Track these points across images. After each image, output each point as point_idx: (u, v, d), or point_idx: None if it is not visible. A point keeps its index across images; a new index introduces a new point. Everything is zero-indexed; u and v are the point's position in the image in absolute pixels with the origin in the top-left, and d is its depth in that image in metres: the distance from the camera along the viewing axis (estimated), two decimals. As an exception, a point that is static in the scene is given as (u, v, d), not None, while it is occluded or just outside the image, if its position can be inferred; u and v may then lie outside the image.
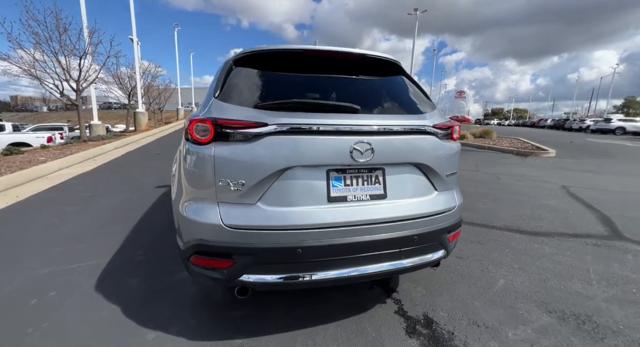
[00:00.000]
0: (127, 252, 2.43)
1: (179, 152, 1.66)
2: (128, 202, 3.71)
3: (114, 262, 2.27)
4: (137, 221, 3.11)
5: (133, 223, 3.04)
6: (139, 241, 2.64)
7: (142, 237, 2.71)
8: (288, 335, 1.55)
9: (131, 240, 2.66)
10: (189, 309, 1.75)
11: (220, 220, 1.28)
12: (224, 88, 1.46)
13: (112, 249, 2.46)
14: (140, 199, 3.86)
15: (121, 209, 3.48)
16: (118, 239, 2.66)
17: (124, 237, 2.70)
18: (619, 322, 1.68)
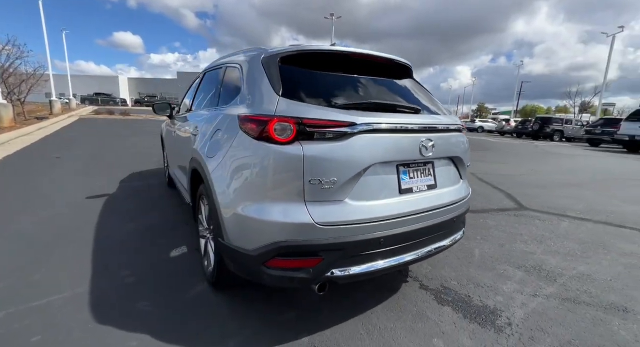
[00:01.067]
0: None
1: (222, 158, 1.52)
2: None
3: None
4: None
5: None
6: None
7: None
8: (347, 323, 1.65)
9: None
10: (239, 320, 1.64)
11: (311, 218, 1.29)
12: (284, 86, 1.44)
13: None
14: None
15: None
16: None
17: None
18: (557, 267, 2.35)
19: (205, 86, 2.65)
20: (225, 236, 1.50)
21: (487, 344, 1.54)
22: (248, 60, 1.75)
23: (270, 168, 1.31)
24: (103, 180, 4.41)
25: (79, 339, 1.47)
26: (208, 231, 1.97)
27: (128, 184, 4.32)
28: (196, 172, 1.98)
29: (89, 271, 2.07)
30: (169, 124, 3.56)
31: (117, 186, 4.16)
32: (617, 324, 1.73)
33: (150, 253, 2.37)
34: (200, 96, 2.69)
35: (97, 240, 2.53)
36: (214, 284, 1.83)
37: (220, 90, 2.06)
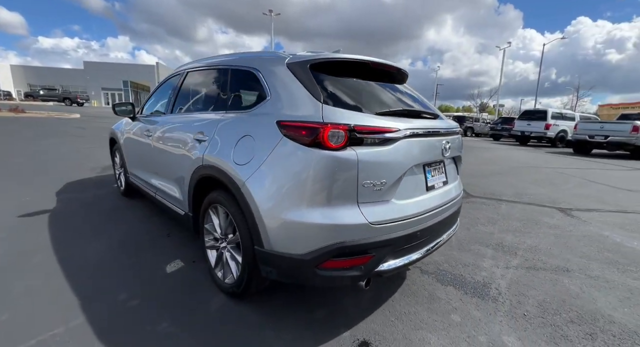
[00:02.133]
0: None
1: (260, 165, 1.49)
2: None
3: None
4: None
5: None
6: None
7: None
8: (376, 314, 1.79)
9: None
10: (273, 326, 1.63)
11: (365, 219, 1.39)
12: (323, 93, 1.49)
13: None
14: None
15: None
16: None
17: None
18: (512, 242, 2.87)
19: (195, 88, 2.47)
20: (266, 244, 1.49)
21: (490, 312, 1.85)
22: (269, 64, 1.73)
23: (325, 173, 1.35)
24: (32, 193, 3.69)
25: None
26: (224, 241, 1.89)
27: (69, 196, 3.71)
28: (209, 180, 1.88)
29: (75, 300, 1.80)
30: (131, 127, 3.18)
31: (55, 200, 3.54)
32: (567, 281, 2.23)
33: (141, 271, 2.15)
34: (188, 98, 2.49)
35: (64, 264, 2.18)
36: (240, 294, 1.78)
37: (227, 94, 1.97)
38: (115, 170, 4.01)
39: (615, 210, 4.11)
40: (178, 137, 2.26)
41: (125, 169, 3.44)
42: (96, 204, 3.49)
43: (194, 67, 2.47)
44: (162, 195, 2.57)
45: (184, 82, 2.53)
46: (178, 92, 2.55)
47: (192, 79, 2.49)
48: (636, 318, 1.84)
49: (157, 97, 3.08)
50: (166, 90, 2.84)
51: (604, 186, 5.63)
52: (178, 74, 2.67)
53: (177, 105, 2.54)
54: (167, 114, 2.61)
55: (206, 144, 1.88)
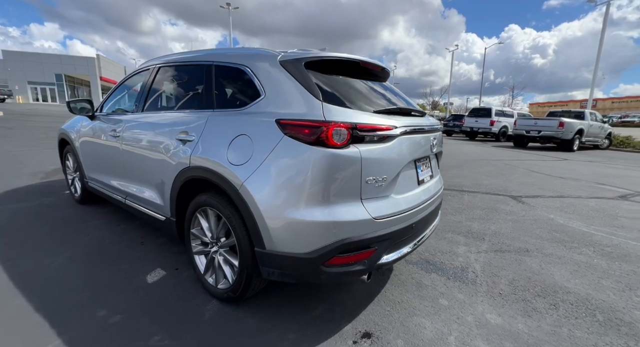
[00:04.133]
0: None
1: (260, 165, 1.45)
2: None
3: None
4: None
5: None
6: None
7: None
8: (372, 305, 1.86)
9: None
10: (274, 327, 1.62)
11: (369, 214, 1.43)
12: (321, 91, 1.49)
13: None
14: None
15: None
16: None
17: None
18: (479, 229, 3.14)
19: (171, 84, 2.30)
20: (268, 244, 1.47)
21: (472, 293, 2.02)
22: (259, 61, 1.68)
23: (330, 171, 1.36)
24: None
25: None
26: (215, 245, 1.82)
27: (12, 206, 3.26)
28: (197, 182, 1.79)
29: (44, 321, 1.60)
30: (90, 127, 2.87)
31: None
32: (528, 260, 2.51)
33: (118, 284, 1.98)
34: (162, 95, 2.32)
35: (22, 283, 1.92)
36: (236, 298, 1.73)
37: (212, 91, 1.87)
38: (67, 175, 3.60)
39: (554, 195, 4.68)
40: (155, 137, 2.11)
41: (83, 173, 3.11)
42: (48, 214, 3.11)
43: (167, 62, 2.31)
44: (134, 200, 2.38)
45: (156, 78, 2.35)
46: (150, 88, 2.36)
47: (166, 74, 2.33)
48: (586, 287, 2.13)
49: (121, 94, 2.83)
50: (132, 86, 2.62)
51: (542, 175, 6.37)
52: (147, 69, 2.47)
53: (150, 103, 2.36)
54: (136, 112, 2.41)
55: (192, 144, 1.78)
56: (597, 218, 3.64)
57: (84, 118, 2.99)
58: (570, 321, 1.77)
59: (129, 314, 1.70)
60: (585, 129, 12.14)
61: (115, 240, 2.60)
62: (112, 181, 2.62)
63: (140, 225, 2.93)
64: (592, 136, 12.79)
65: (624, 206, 4.26)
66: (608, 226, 3.38)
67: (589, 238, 3.02)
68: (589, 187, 5.37)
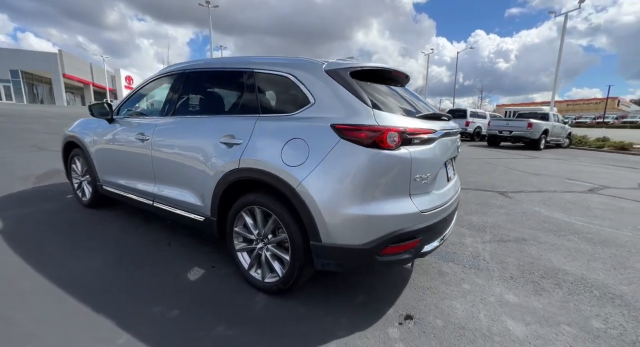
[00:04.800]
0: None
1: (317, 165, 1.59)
2: None
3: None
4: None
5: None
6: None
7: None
8: (405, 292, 2.05)
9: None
10: (328, 313, 1.76)
11: (417, 208, 1.62)
12: (370, 98, 1.66)
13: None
14: None
15: None
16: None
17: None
18: (478, 222, 3.43)
19: (205, 89, 2.37)
20: (325, 238, 1.61)
21: (487, 278, 2.27)
22: (305, 70, 1.81)
23: (385, 170, 1.54)
24: (-40, 211, 3.03)
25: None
26: (261, 241, 1.93)
27: (14, 213, 3.14)
28: (245, 183, 1.90)
29: (103, 320, 1.65)
30: (109, 130, 2.84)
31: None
32: (527, 248, 2.82)
33: (162, 283, 2.03)
34: (196, 100, 2.39)
35: (65, 287, 1.93)
36: (287, 290, 1.85)
37: (255, 97, 1.97)
38: (72, 179, 3.50)
39: (534, 190, 5.15)
40: (194, 141, 2.17)
41: (95, 176, 3.06)
42: (58, 219, 3.04)
43: (198, 68, 2.37)
44: (165, 203, 2.41)
45: (186, 83, 2.40)
46: (179, 93, 2.41)
47: (199, 79, 2.39)
48: (579, 268, 2.46)
49: (142, 98, 2.83)
50: (157, 90, 2.64)
51: (519, 172, 6.92)
52: (173, 74, 2.51)
53: (180, 107, 2.41)
54: (166, 116, 2.45)
55: (241, 147, 1.88)
56: (574, 209, 4.08)
57: (99, 121, 2.95)
58: (574, 297, 2.06)
59: (185, 309, 1.77)
60: (550, 129, 13.18)
61: (139, 243, 2.61)
62: (137, 184, 2.63)
63: (160, 227, 2.94)
64: (555, 136, 13.89)
65: (593, 198, 4.78)
66: (585, 216, 3.81)
67: (571, 227, 3.41)
68: (562, 182, 5.92)
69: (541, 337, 1.65)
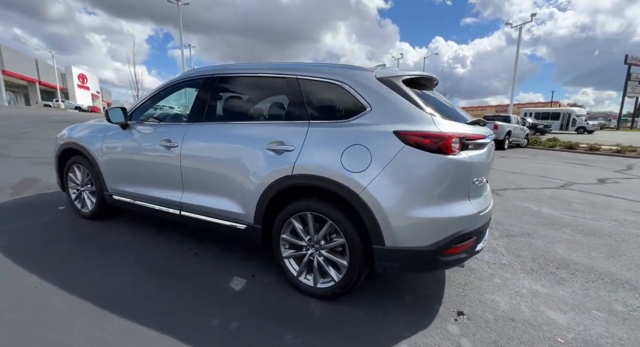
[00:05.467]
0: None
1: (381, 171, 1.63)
2: None
3: None
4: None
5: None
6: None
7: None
8: (449, 288, 2.14)
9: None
10: (381, 311, 1.80)
11: (475, 210, 1.71)
12: (426, 105, 1.74)
13: None
14: None
15: None
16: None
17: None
18: (482, 220, 3.66)
19: (242, 95, 2.31)
20: (389, 241, 1.65)
21: (512, 272, 2.43)
22: (357, 78, 1.84)
23: (449, 174, 1.61)
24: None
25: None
26: (312, 247, 1.93)
27: (8, 227, 2.82)
28: (296, 189, 1.89)
29: (170, 337, 1.56)
30: (123, 136, 2.65)
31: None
32: (534, 242, 3.06)
33: (206, 295, 1.94)
34: (232, 106, 2.33)
35: (101, 303, 1.78)
36: (344, 293, 1.87)
37: (302, 103, 1.94)
38: (68, 189, 3.20)
39: (516, 188, 5.57)
40: (235, 148, 2.09)
41: (102, 186, 2.84)
42: (61, 234, 2.78)
43: (230, 72, 2.29)
44: (196, 211, 2.30)
45: (217, 88, 2.32)
46: (210, 98, 2.32)
47: (233, 85, 2.32)
48: (583, 258, 2.72)
49: (159, 103, 2.69)
50: (179, 94, 2.52)
51: (497, 170, 7.43)
52: (200, 79, 2.40)
53: (211, 113, 2.32)
54: (196, 122, 2.33)
55: (293, 154, 1.86)
56: (557, 205, 4.49)
57: (108, 126, 2.75)
58: (591, 285, 2.28)
59: (243, 320, 1.73)
60: (512, 130, 14.29)
61: (163, 254, 2.47)
62: (160, 193, 2.48)
63: (179, 237, 2.80)
64: (516, 136, 15.07)
65: (568, 193, 5.28)
66: (568, 210, 4.20)
67: (562, 221, 3.75)
68: (535, 179, 6.46)
69: (581, 324, 1.82)
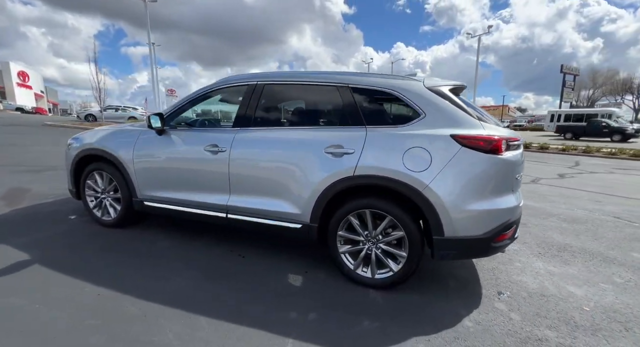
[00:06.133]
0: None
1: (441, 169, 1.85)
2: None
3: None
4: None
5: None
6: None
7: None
8: (480, 274, 2.42)
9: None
10: (439, 297, 2.02)
11: (517, 202, 1.98)
12: (472, 112, 1.99)
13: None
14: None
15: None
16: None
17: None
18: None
19: (292, 102, 2.43)
20: (449, 232, 1.87)
21: (525, 256, 2.78)
22: (409, 87, 2.04)
23: (499, 172, 1.87)
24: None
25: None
26: (369, 242, 2.10)
27: (28, 239, 2.66)
28: (356, 189, 2.06)
29: (259, 330, 1.64)
30: (161, 142, 2.64)
31: (8, 250, 2.50)
32: (531, 230, 3.47)
33: (269, 292, 2.04)
34: (278, 111, 2.45)
35: (179, 305, 1.82)
36: (402, 282, 2.06)
37: (357, 110, 2.09)
38: (85, 197, 3.06)
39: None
40: (292, 152, 2.21)
41: (132, 192, 2.78)
42: (89, 244, 2.68)
43: (276, 80, 2.40)
44: (246, 214, 2.37)
45: (263, 95, 2.40)
46: (256, 104, 2.40)
47: (280, 92, 2.44)
48: (576, 241, 3.15)
49: (193, 108, 2.72)
50: (218, 101, 2.57)
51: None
52: (242, 85, 2.48)
53: (262, 119, 2.41)
54: (244, 127, 2.41)
55: (354, 156, 2.01)
56: (536, 197, 5.05)
57: (140, 131, 2.71)
58: (591, 262, 2.69)
59: (318, 311, 1.86)
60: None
61: (209, 258, 2.50)
62: (204, 197, 2.50)
63: (216, 239, 2.83)
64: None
65: (540, 187, 5.93)
66: (547, 202, 4.76)
67: (547, 211, 4.26)
68: (511, 176, 7.14)
69: (596, 294, 2.17)
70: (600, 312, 1.96)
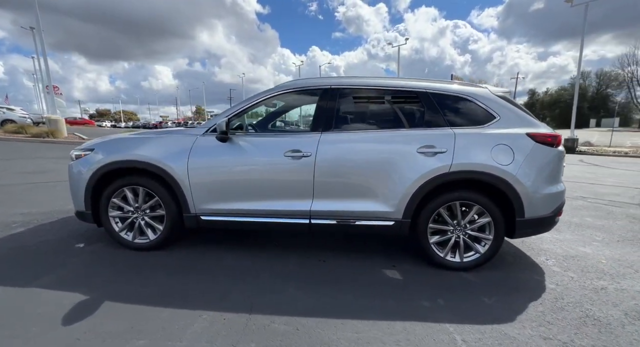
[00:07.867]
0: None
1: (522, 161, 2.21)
2: None
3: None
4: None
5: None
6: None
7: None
8: (512, 259, 2.93)
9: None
10: (499, 282, 2.40)
11: (564, 187, 2.47)
12: (531, 113, 2.43)
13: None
14: None
15: None
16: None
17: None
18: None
19: (374, 106, 2.52)
20: (529, 213, 2.25)
21: (531, 229, 3.45)
22: (480, 94, 2.38)
23: (560, 161, 2.34)
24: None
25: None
26: (458, 230, 2.37)
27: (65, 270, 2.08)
28: (450, 184, 2.29)
29: (399, 325, 1.73)
30: (230, 149, 2.40)
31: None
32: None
33: (375, 288, 2.12)
34: (360, 115, 2.55)
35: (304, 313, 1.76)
36: (487, 261, 2.38)
37: (439, 113, 2.32)
38: (108, 219, 2.51)
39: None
40: (384, 153, 2.31)
41: (184, 207, 2.42)
42: (137, 270, 2.25)
43: (354, 85, 2.49)
44: (333, 217, 2.35)
45: (340, 99, 2.43)
46: (336, 108, 2.41)
47: (359, 97, 2.51)
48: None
49: (270, 116, 2.55)
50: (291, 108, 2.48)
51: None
52: (314, 90, 2.49)
53: (344, 122, 2.47)
54: (327, 131, 2.38)
55: (447, 154, 2.23)
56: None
57: (193, 139, 2.39)
58: (573, 229, 3.49)
59: (442, 296, 2.02)
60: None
61: (293, 266, 2.40)
62: (283, 205, 2.36)
63: (282, 248, 2.70)
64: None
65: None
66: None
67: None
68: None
69: (596, 250, 2.88)
70: (612, 262, 2.63)
